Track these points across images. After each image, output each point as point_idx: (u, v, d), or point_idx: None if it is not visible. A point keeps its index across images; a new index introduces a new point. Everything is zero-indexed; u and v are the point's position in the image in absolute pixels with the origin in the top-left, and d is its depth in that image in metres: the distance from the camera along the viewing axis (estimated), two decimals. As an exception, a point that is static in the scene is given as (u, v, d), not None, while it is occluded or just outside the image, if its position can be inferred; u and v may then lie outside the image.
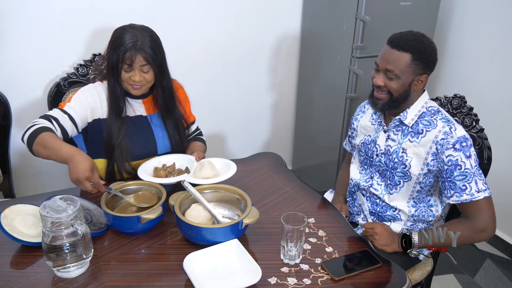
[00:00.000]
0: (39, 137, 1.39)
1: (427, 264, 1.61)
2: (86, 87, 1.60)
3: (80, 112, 1.53)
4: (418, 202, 1.52)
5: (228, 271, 1.15)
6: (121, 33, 1.49)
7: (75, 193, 1.48)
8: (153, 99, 1.66)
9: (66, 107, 1.52)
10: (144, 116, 1.65)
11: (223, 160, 1.59)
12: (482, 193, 1.35)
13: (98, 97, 1.57)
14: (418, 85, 1.41)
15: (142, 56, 1.48)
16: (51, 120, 1.47)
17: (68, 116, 1.50)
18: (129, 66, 1.49)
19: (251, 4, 2.44)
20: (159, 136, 1.67)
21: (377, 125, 1.56)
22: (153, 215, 1.26)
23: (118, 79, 1.52)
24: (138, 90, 1.56)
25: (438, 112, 1.44)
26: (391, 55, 1.39)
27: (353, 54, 2.30)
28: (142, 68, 1.50)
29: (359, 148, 1.63)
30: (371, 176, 1.58)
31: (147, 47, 1.48)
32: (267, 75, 2.70)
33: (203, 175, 1.48)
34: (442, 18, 2.58)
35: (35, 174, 2.18)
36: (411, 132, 1.45)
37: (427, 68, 1.40)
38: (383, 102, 1.45)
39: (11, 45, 1.94)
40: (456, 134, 1.36)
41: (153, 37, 1.53)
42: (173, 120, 1.68)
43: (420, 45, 1.37)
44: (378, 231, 1.46)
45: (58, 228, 1.09)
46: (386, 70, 1.40)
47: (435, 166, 1.41)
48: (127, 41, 1.47)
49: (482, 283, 2.24)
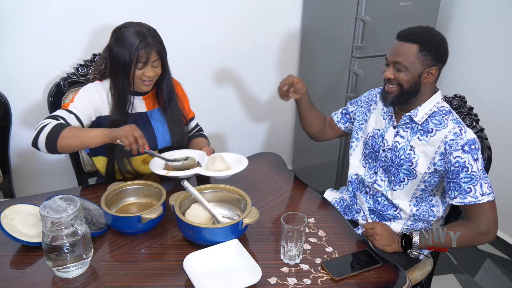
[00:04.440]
0: (64, 131, 1.41)
1: (427, 264, 1.61)
2: (86, 86, 1.61)
3: (84, 111, 1.54)
4: (420, 201, 1.52)
5: (228, 271, 1.15)
6: (126, 32, 1.50)
7: (75, 193, 1.48)
8: (152, 95, 1.68)
9: (71, 107, 1.53)
10: (144, 112, 1.67)
11: (234, 155, 1.61)
12: (486, 197, 1.35)
13: (99, 95, 1.58)
14: (428, 77, 1.41)
15: (155, 52, 1.51)
16: (59, 120, 1.48)
17: (74, 116, 1.51)
18: (143, 63, 1.51)
19: (251, 3, 2.44)
20: (159, 131, 1.68)
21: (388, 119, 1.55)
22: (153, 215, 1.26)
23: (128, 77, 1.53)
24: (148, 86, 1.59)
25: (449, 113, 1.43)
26: (399, 48, 1.40)
27: (353, 54, 2.30)
28: (154, 63, 1.53)
29: (365, 141, 1.62)
30: (375, 171, 1.58)
31: (156, 42, 1.52)
32: (267, 75, 2.70)
33: (215, 168, 1.50)
34: (442, 18, 2.58)
35: (35, 174, 2.18)
36: (420, 130, 1.45)
37: (436, 60, 1.40)
38: (394, 95, 1.45)
39: (11, 45, 1.94)
40: (466, 136, 1.36)
41: (155, 31, 1.55)
42: (174, 115, 1.70)
43: (428, 36, 1.38)
44: (378, 231, 1.46)
45: (58, 228, 1.09)
46: (395, 62, 1.41)
47: (442, 166, 1.41)
48: (137, 39, 1.48)
49: (482, 283, 2.24)
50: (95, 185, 1.62)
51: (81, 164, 1.98)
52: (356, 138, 1.68)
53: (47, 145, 1.41)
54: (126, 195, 1.42)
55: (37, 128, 1.44)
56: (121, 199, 1.40)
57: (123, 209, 1.39)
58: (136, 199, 1.43)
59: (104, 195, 1.33)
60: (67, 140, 1.41)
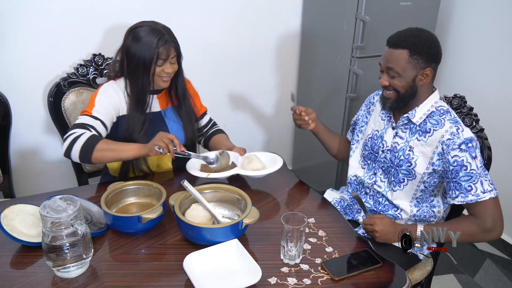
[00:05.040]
0: (99, 144, 1.45)
1: (427, 264, 1.61)
2: (103, 88, 1.62)
3: (106, 114, 1.56)
4: (421, 202, 1.52)
5: (228, 271, 1.15)
6: (143, 31, 1.52)
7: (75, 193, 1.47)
8: (165, 93, 1.70)
9: (94, 112, 1.54)
10: (158, 111, 1.69)
11: (268, 154, 1.66)
12: (488, 194, 1.35)
13: (117, 96, 1.60)
14: (424, 79, 1.41)
15: (173, 48, 1.55)
16: (88, 129, 1.50)
17: (100, 121, 1.53)
18: (164, 60, 1.53)
19: (251, 4, 2.44)
20: (173, 129, 1.70)
21: (386, 120, 1.56)
22: (153, 215, 1.26)
23: (149, 75, 1.55)
24: (167, 82, 1.61)
25: (447, 113, 1.43)
26: (390, 55, 1.41)
27: (353, 54, 2.30)
28: (171, 60, 1.56)
29: (364, 142, 1.62)
30: (374, 172, 1.58)
31: (173, 38, 1.56)
32: (267, 75, 2.70)
33: (253, 167, 1.53)
34: (442, 18, 2.58)
35: (35, 174, 2.18)
36: (419, 131, 1.45)
37: (429, 61, 1.39)
38: (392, 100, 1.46)
39: (11, 45, 1.94)
40: (462, 135, 1.36)
41: (170, 29, 1.59)
42: (188, 111, 1.73)
43: (417, 40, 1.38)
44: (377, 229, 1.43)
45: (58, 228, 1.09)
46: (388, 69, 1.42)
47: (440, 166, 1.41)
48: (156, 37, 1.51)
49: (482, 283, 2.24)
50: (95, 185, 1.62)
51: (81, 164, 1.98)
52: (356, 141, 1.69)
53: (81, 156, 1.45)
54: (126, 195, 1.42)
55: (68, 138, 1.46)
56: (121, 199, 1.40)
57: (123, 209, 1.39)
58: (136, 199, 1.43)
59: (104, 195, 1.33)
60: (102, 153, 1.45)
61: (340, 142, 1.81)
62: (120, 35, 1.60)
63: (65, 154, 1.48)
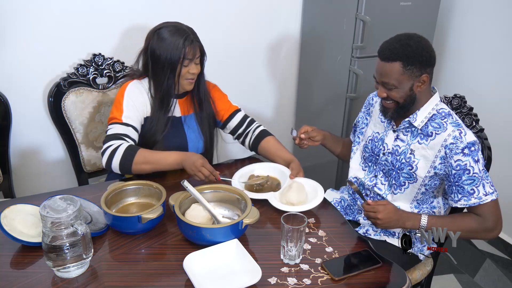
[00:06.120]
0: (137, 157, 1.47)
1: (427, 264, 1.61)
2: (128, 89, 1.60)
3: (136, 118, 1.57)
4: (421, 204, 1.52)
5: (228, 271, 1.15)
6: (167, 32, 1.52)
7: (75, 193, 1.47)
8: (187, 99, 1.69)
9: (125, 119, 1.54)
10: (178, 116, 1.67)
11: (313, 183, 1.54)
12: (490, 196, 1.35)
13: (142, 97, 1.60)
14: (421, 85, 1.39)
15: (199, 47, 1.56)
16: (124, 139, 1.51)
17: (132, 127, 1.55)
18: (190, 60, 1.53)
19: (251, 4, 2.44)
20: (191, 138, 1.69)
21: (386, 123, 1.55)
22: (153, 215, 1.26)
23: (174, 76, 1.55)
24: (192, 84, 1.61)
25: (449, 115, 1.42)
26: (383, 68, 1.39)
27: (353, 54, 2.30)
28: (196, 60, 1.56)
29: (365, 144, 1.62)
30: (375, 175, 1.58)
31: (197, 38, 1.56)
32: (267, 75, 2.70)
33: (287, 198, 1.45)
34: (442, 18, 2.58)
35: (35, 174, 2.18)
36: (420, 134, 1.45)
37: (424, 67, 1.37)
38: (392, 110, 1.45)
39: (11, 45, 1.93)
40: (465, 139, 1.35)
41: (193, 29, 1.59)
42: (207, 115, 1.71)
43: (408, 50, 1.34)
44: (380, 216, 1.36)
45: (58, 228, 1.09)
46: (383, 82, 1.41)
47: (442, 170, 1.41)
48: (182, 37, 1.51)
49: (482, 283, 2.24)
50: (95, 185, 1.62)
51: (81, 164, 1.98)
52: (357, 142, 1.69)
53: (122, 170, 1.49)
54: (126, 195, 1.42)
55: (106, 152, 1.48)
56: (121, 199, 1.40)
57: (123, 209, 1.39)
58: (136, 199, 1.43)
59: (104, 195, 1.33)
60: (141, 166, 1.49)
61: (344, 144, 1.81)
62: (120, 35, 1.60)
63: (106, 167, 1.51)
